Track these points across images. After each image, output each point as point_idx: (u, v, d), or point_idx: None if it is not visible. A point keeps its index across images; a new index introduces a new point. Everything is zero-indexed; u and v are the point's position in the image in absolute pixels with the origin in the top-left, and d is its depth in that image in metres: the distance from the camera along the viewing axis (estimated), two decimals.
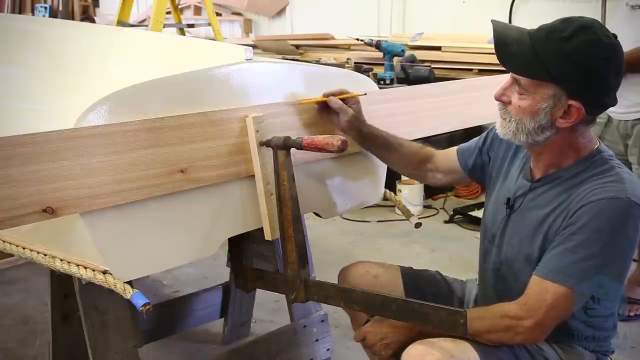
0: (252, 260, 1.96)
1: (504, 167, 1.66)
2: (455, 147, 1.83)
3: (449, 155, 1.82)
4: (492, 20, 1.47)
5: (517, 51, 1.41)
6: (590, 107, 1.40)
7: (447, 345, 1.41)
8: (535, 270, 1.42)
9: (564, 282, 1.37)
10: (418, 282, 1.78)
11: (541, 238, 1.47)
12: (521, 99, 1.43)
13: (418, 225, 1.99)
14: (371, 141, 1.82)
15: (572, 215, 1.40)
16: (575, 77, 1.37)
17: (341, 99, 1.76)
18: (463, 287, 1.81)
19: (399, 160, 1.86)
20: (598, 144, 1.50)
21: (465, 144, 1.80)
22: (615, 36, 1.41)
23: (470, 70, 4.53)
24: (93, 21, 7.39)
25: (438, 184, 1.90)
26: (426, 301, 1.54)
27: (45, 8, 8.59)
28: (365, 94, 1.81)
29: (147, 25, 5.80)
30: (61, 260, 1.48)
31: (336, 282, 1.79)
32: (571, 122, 1.41)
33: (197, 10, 7.45)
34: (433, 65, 4.59)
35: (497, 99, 1.48)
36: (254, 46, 5.67)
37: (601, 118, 2.79)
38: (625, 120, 2.66)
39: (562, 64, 1.36)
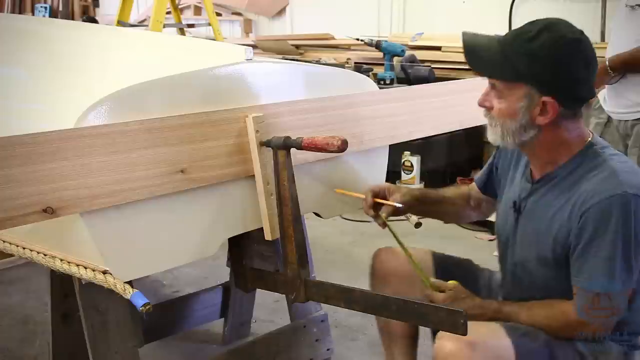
0: (252, 260, 1.96)
1: (510, 172, 1.69)
2: None
3: (475, 186, 1.88)
4: (462, 32, 1.54)
5: (486, 56, 1.49)
6: (564, 102, 1.44)
7: (481, 330, 1.44)
8: (575, 280, 1.46)
9: (606, 289, 1.42)
10: (448, 263, 1.83)
11: (551, 241, 1.50)
12: (500, 102, 1.48)
13: (418, 225, 1.99)
14: (425, 200, 1.84)
15: (579, 222, 1.43)
16: (543, 75, 1.42)
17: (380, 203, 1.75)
18: (491, 275, 1.83)
19: (449, 207, 1.89)
20: (590, 136, 1.52)
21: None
22: (581, 32, 1.45)
23: (470, 70, 4.53)
24: (96, 21, 7.39)
25: (484, 217, 1.94)
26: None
27: (45, 8, 8.59)
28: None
29: (147, 25, 5.80)
30: (61, 260, 1.48)
31: (336, 282, 1.79)
32: (549, 118, 1.44)
33: (197, 10, 7.45)
34: (433, 65, 4.59)
35: (480, 105, 1.54)
36: (254, 46, 5.67)
37: (601, 118, 2.79)
38: (625, 120, 2.66)
39: (529, 63, 1.42)
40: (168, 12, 5.12)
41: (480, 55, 1.51)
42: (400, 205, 1.72)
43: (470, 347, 1.40)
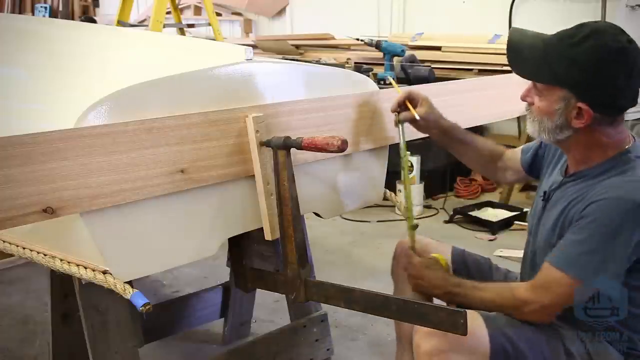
0: (252, 260, 1.96)
1: (552, 164, 1.73)
2: (522, 146, 1.91)
3: (515, 154, 1.90)
4: (510, 29, 1.56)
5: (528, 56, 1.51)
6: (600, 109, 1.46)
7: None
8: (547, 256, 1.50)
9: (569, 272, 1.44)
10: (466, 258, 1.88)
11: (559, 226, 1.54)
12: (540, 100, 1.51)
13: (415, 226, 2.01)
14: (450, 133, 1.89)
15: (583, 209, 1.46)
16: (581, 81, 1.44)
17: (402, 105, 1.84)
18: (507, 274, 1.87)
19: (472, 154, 1.93)
20: (630, 143, 1.54)
21: (530, 142, 1.88)
22: (629, 40, 1.44)
23: (470, 70, 4.53)
24: (94, 21, 7.39)
25: (507, 181, 2.00)
26: (470, 279, 1.65)
27: (45, 8, 8.60)
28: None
29: (147, 25, 5.80)
30: (61, 260, 1.48)
31: (336, 282, 1.79)
32: (584, 123, 1.47)
33: (197, 10, 7.46)
34: (433, 65, 4.59)
35: (522, 99, 1.58)
36: (254, 46, 5.67)
37: None
38: (625, 120, 2.66)
39: (568, 68, 1.44)
40: (168, 12, 5.12)
41: (523, 56, 1.52)
42: (418, 118, 1.80)
43: (444, 334, 1.44)
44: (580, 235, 1.45)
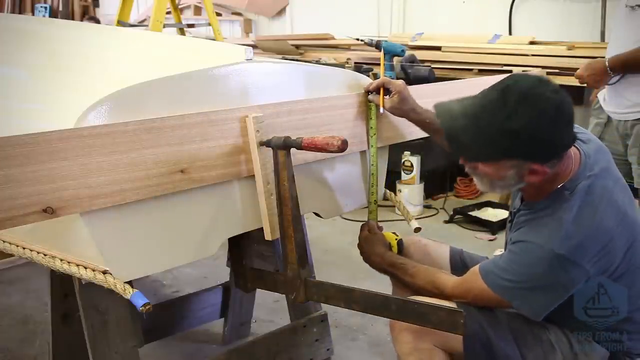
0: (252, 260, 1.96)
1: None
2: None
3: None
4: (435, 108, 1.53)
5: (466, 141, 1.45)
6: (552, 160, 1.45)
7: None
8: (482, 263, 1.60)
9: (492, 289, 1.53)
10: (464, 259, 1.91)
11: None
12: (486, 166, 1.48)
13: (417, 230, 2.01)
14: (422, 126, 1.92)
15: (515, 242, 1.53)
16: (527, 149, 1.42)
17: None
18: None
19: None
20: (575, 168, 1.52)
21: None
22: (555, 90, 1.40)
23: (470, 70, 4.53)
24: (97, 21, 7.39)
25: None
26: None
27: (45, 8, 8.61)
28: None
29: (147, 25, 5.81)
30: (61, 260, 1.48)
31: (336, 282, 1.80)
32: (540, 179, 1.46)
33: (197, 10, 7.47)
34: (433, 65, 4.60)
35: (462, 163, 1.55)
36: (254, 46, 5.67)
37: (601, 118, 2.79)
38: (625, 120, 2.66)
39: (511, 142, 1.40)
40: (168, 12, 5.13)
41: (462, 142, 1.47)
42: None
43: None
44: (507, 264, 1.51)
